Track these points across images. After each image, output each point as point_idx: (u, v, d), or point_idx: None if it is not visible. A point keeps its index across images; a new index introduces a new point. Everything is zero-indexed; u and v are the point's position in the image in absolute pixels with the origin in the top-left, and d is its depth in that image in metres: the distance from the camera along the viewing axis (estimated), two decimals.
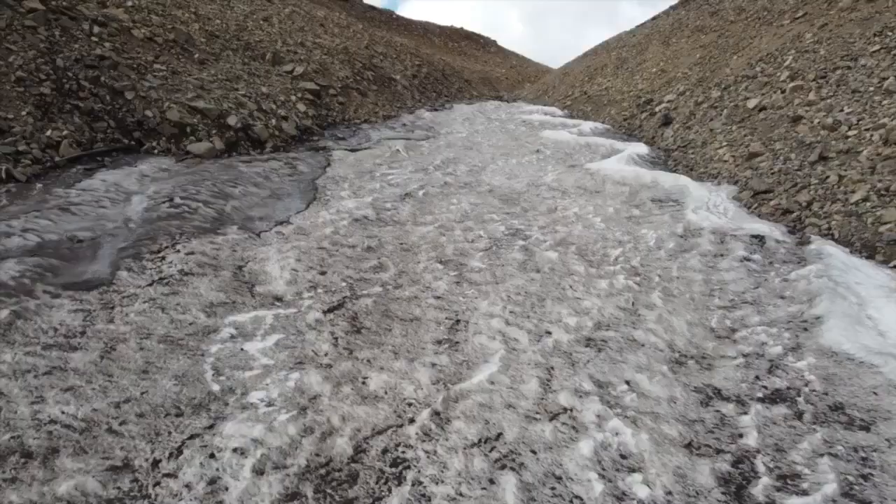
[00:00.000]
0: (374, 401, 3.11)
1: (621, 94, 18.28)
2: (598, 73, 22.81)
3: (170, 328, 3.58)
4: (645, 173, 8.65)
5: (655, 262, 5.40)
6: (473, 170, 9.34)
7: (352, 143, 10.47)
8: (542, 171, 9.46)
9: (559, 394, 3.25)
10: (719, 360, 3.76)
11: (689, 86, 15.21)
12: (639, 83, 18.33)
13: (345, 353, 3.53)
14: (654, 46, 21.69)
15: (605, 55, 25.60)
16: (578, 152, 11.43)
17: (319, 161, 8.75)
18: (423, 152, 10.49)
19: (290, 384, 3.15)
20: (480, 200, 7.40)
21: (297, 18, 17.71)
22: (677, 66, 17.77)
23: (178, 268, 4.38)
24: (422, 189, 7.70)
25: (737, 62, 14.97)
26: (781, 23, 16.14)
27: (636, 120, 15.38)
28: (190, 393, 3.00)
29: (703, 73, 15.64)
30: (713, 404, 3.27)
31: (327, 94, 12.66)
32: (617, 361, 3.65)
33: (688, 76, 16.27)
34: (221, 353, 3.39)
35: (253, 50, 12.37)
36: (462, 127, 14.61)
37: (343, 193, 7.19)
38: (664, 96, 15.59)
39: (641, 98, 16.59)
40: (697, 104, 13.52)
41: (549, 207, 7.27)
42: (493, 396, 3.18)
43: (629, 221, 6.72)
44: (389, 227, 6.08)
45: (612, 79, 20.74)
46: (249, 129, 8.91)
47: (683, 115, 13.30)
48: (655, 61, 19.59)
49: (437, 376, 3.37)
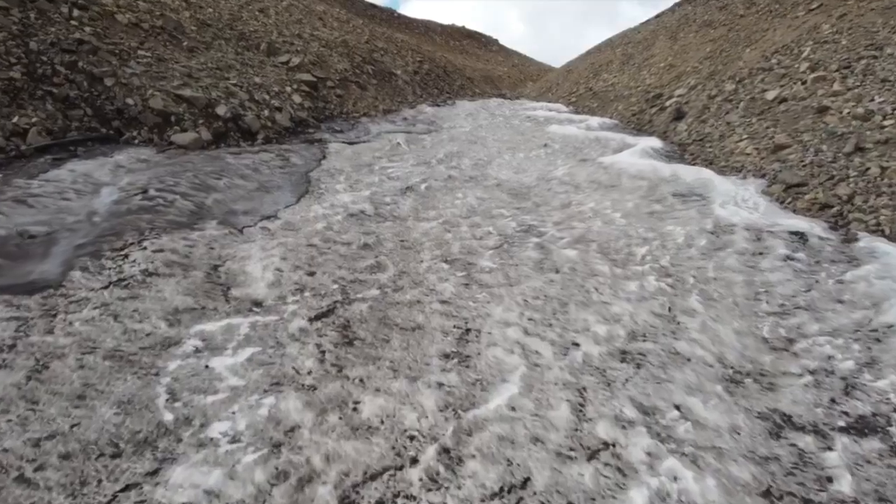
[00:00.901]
0: (368, 433, 2.46)
1: (628, 90, 17.63)
2: (604, 69, 22.16)
3: (121, 340, 2.93)
4: (663, 167, 8.00)
5: (688, 262, 4.75)
6: (479, 164, 8.69)
7: (350, 136, 9.82)
8: (552, 166, 8.82)
9: (597, 423, 2.61)
10: (781, 377, 3.11)
11: (700, 80, 14.57)
12: (646, 78, 17.68)
13: (333, 371, 2.89)
14: (661, 42, 21.05)
15: (610, 52, 24.95)
16: (588, 147, 10.78)
17: (314, 154, 8.10)
18: (426, 146, 9.84)
19: (262, 412, 2.50)
20: (488, 195, 6.75)
21: (295, 11, 17.07)
22: (686, 61, 17.13)
23: (142, 267, 3.73)
24: (424, 183, 7.05)
25: (750, 55, 14.32)
26: (795, 15, 15.49)
27: (645, 115, 14.73)
28: (134, 425, 2.35)
29: (714, 67, 15.00)
30: (786, 435, 2.63)
31: (325, 87, 12.01)
32: (661, 380, 3.00)
33: (698, 70, 15.63)
34: (181, 372, 2.74)
35: (247, 40, 11.72)
36: (465, 122, 13.97)
37: (338, 187, 6.54)
38: (674, 91, 14.94)
39: (650, 93, 15.95)
40: (711, 98, 12.88)
41: (562, 202, 6.62)
42: (514, 427, 2.54)
43: (652, 217, 6.07)
44: (388, 223, 5.43)
45: (618, 75, 20.09)
46: (240, 120, 8.26)
47: (696, 109, 12.65)
48: (663, 56, 18.95)
49: (446, 400, 2.72)
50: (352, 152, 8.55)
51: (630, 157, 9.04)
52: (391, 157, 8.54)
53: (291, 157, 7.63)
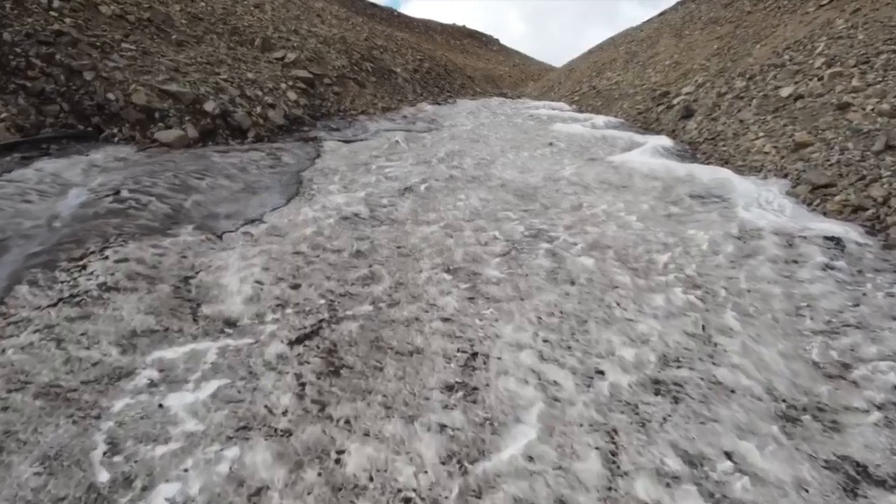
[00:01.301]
0: (353, 495, 1.97)
1: (633, 88, 17.13)
2: (607, 67, 21.66)
3: (60, 372, 2.44)
4: (677, 166, 7.50)
5: (716, 271, 4.25)
6: (481, 163, 8.20)
7: (346, 135, 9.32)
8: (559, 165, 8.32)
9: (634, 479, 2.11)
10: (844, 413, 2.62)
11: (708, 77, 14.07)
12: (652, 76, 17.19)
13: (313, 410, 2.39)
14: (666, 40, 20.55)
15: (613, 50, 24.45)
16: (595, 145, 10.28)
17: (308, 152, 7.60)
18: (426, 144, 9.34)
19: (221, 469, 2.00)
20: (492, 196, 6.25)
21: (293, 7, 16.58)
22: (693, 58, 16.63)
23: (101, 280, 3.23)
24: (424, 183, 6.55)
25: (760, 51, 13.83)
26: (806, 10, 15.00)
27: (652, 113, 14.24)
28: (58, 489, 1.86)
29: (723, 64, 14.50)
30: (865, 493, 2.14)
31: (321, 84, 11.51)
32: (705, 419, 2.50)
33: (706, 67, 15.13)
34: (128, 414, 2.25)
35: (240, 35, 11.22)
36: (466, 120, 13.47)
37: (332, 187, 6.03)
38: (681, 88, 14.45)
39: (656, 91, 15.45)
40: (720, 95, 12.39)
41: (572, 204, 6.12)
42: (535, 485, 2.04)
43: (670, 220, 5.58)
44: (385, 227, 4.93)
45: (623, 73, 19.59)
46: (229, 116, 7.76)
47: (706, 107, 12.15)
48: (668, 54, 18.45)
49: (449, 448, 2.23)
50: (348, 151, 8.05)
51: (640, 156, 8.54)
52: (389, 156, 8.04)
53: (283, 155, 7.12)
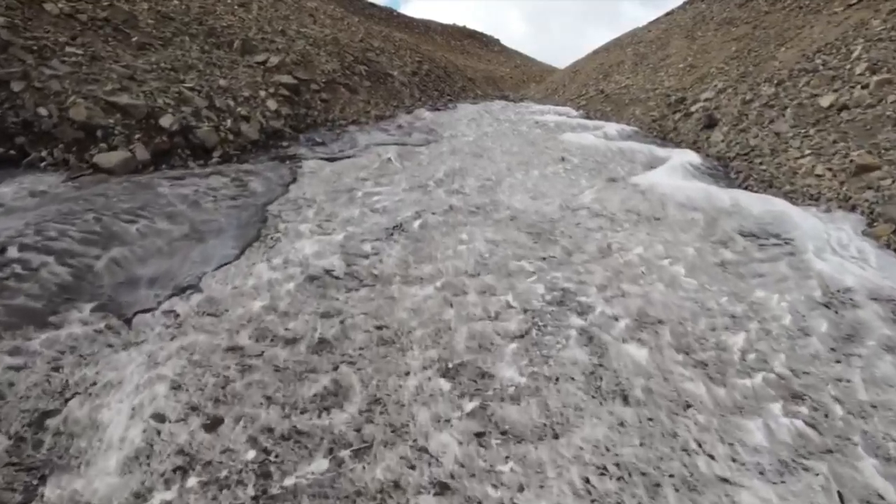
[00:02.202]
0: None
1: (645, 93, 15.87)
2: (615, 70, 20.39)
3: None
4: (717, 192, 6.25)
5: (817, 368, 3.02)
6: (486, 186, 6.96)
7: (332, 150, 8.07)
8: (575, 187, 7.08)
9: None
10: None
11: (729, 82, 12.82)
12: (665, 80, 15.92)
13: None
14: (677, 41, 19.28)
15: (620, 52, 23.18)
16: (612, 160, 9.04)
17: (283, 175, 6.35)
18: (422, 161, 8.09)
19: None
20: (501, 235, 5.02)
21: (283, 7, 15.30)
22: (709, 61, 15.38)
23: None
24: (418, 218, 5.30)
25: (786, 54, 12.57)
26: (833, 10, 13.74)
27: (668, 121, 12.99)
28: None
29: (744, 68, 13.24)
30: None
31: (308, 90, 10.24)
32: None
33: (725, 71, 13.88)
34: None
35: (217, 36, 9.96)
36: (468, 129, 12.21)
37: (303, 227, 4.79)
38: (700, 94, 13.19)
39: (671, 96, 14.20)
40: (746, 102, 11.14)
41: (599, 247, 4.89)
42: None
43: (727, 273, 4.33)
44: (363, 292, 3.69)
45: (632, 76, 18.32)
46: (191, 133, 6.51)
47: (731, 116, 10.91)
48: (681, 56, 17.18)
49: None
50: (331, 172, 6.80)
51: (669, 177, 7.31)
52: (379, 178, 6.80)
53: (252, 181, 5.88)
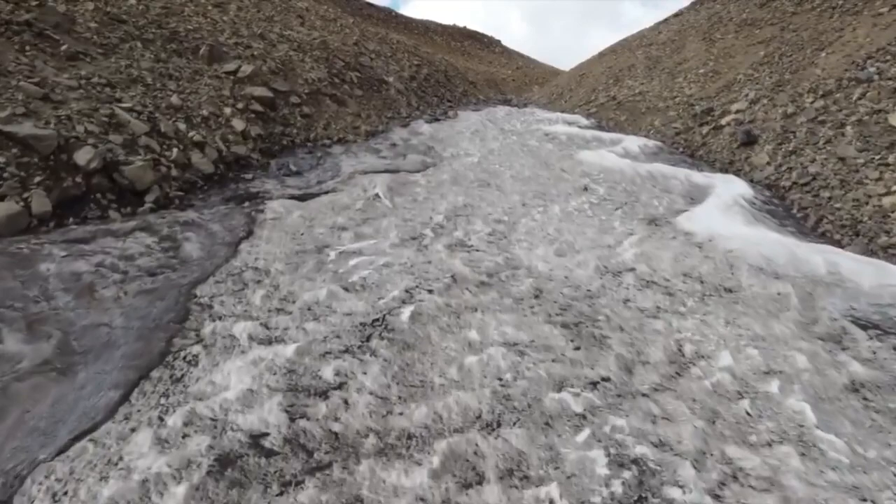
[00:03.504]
0: None
1: (664, 101, 14.25)
2: (626, 74, 18.74)
3: None
4: (805, 253, 4.67)
5: None
6: (498, 232, 5.39)
7: (307, 183, 6.48)
8: (609, 233, 5.50)
9: None
10: None
11: (762, 91, 11.21)
12: (685, 87, 14.30)
13: None
14: (694, 44, 17.62)
15: (629, 54, 21.52)
16: (643, 189, 7.46)
17: (235, 227, 4.78)
18: (418, 196, 6.50)
19: None
20: (525, 332, 3.45)
21: (268, 7, 13.66)
22: (734, 67, 13.75)
23: None
24: (409, 301, 3.72)
25: (829, 61, 10.93)
26: (877, 11, 12.08)
27: (695, 135, 11.39)
28: None
29: (778, 76, 11.61)
30: None
31: (286, 104, 8.65)
32: None
33: (755, 78, 12.25)
34: None
35: (180, 41, 8.35)
36: (471, 145, 10.61)
37: (240, 329, 3.21)
38: (730, 105, 11.58)
39: (695, 106, 12.59)
40: (788, 116, 9.55)
41: (667, 350, 3.32)
42: None
43: (874, 413, 2.78)
44: (310, 489, 2.13)
45: (646, 81, 16.68)
46: (117, 171, 4.95)
47: (773, 133, 9.31)
48: (701, 60, 15.54)
49: None
50: (301, 218, 5.22)
51: (725, 220, 5.72)
52: (362, 225, 5.22)
53: (187, 240, 4.30)
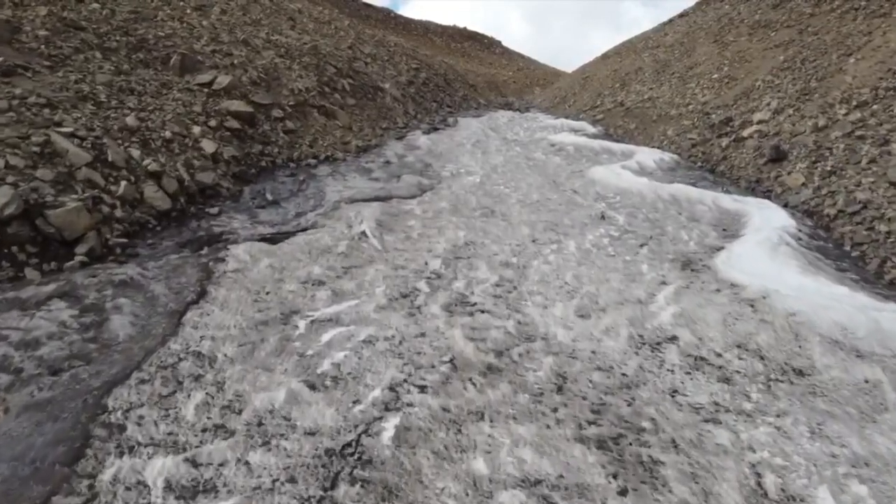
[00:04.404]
0: None
1: (676, 108, 13.27)
2: (633, 78, 17.74)
3: None
4: (891, 322, 3.73)
5: None
6: (506, 282, 4.43)
7: (284, 216, 5.51)
8: (637, 282, 4.54)
9: None
10: None
11: (787, 100, 10.23)
12: (698, 93, 13.31)
13: None
14: (704, 47, 16.61)
15: (635, 57, 20.52)
16: (667, 217, 6.49)
17: (184, 286, 3.82)
18: (412, 231, 5.54)
19: None
20: (550, 459, 2.49)
21: (256, 10, 12.67)
22: (752, 72, 12.74)
23: None
24: (393, 408, 2.78)
25: (859, 67, 9.93)
26: None
27: (713, 147, 10.42)
28: None
29: (803, 83, 10.61)
30: None
31: (267, 119, 7.68)
32: None
33: (776, 86, 11.25)
34: None
35: (149, 50, 7.37)
36: (472, 160, 9.64)
37: (154, 472, 2.24)
38: (751, 115, 10.59)
39: (712, 115, 11.61)
40: (819, 129, 8.59)
41: (742, 486, 2.38)
42: None
43: None
44: None
45: (655, 86, 15.69)
46: (41, 217, 4.01)
47: (805, 148, 8.33)
48: (714, 65, 14.54)
49: None
50: (268, 270, 4.26)
51: (776, 268, 4.75)
52: (342, 278, 4.27)
53: (117, 311, 3.35)
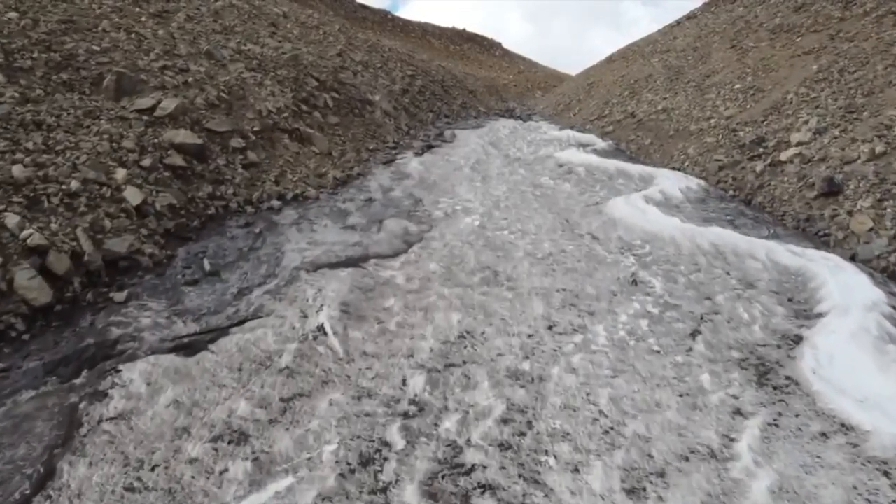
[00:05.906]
0: None
1: (695, 123, 11.79)
2: (643, 86, 16.26)
3: None
4: None
5: None
6: (515, 412, 3.02)
7: (217, 300, 4.05)
8: (703, 412, 3.11)
9: None
10: None
11: (829, 118, 8.76)
12: (720, 106, 11.83)
13: None
14: (721, 52, 15.11)
15: (643, 62, 19.03)
16: (715, 280, 5.06)
17: (24, 455, 2.43)
18: (388, 320, 4.10)
19: None
20: None
21: (231, 15, 11.18)
22: (780, 83, 11.24)
23: None
24: None
25: None
26: None
27: (746, 172, 8.95)
28: None
29: (845, 98, 9.11)
30: None
31: (224, 151, 6.24)
32: None
33: (812, 99, 9.74)
34: None
35: (76, 69, 5.92)
36: (470, 190, 8.20)
37: None
38: (787, 134, 9.11)
39: (739, 132, 10.13)
40: (877, 156, 7.15)
41: None
42: None
43: None
44: None
45: (669, 96, 14.21)
46: None
47: (865, 181, 6.89)
48: (734, 73, 13.04)
49: None
50: (169, 412, 2.81)
51: (891, 382, 3.40)
52: (277, 420, 2.83)
53: None
